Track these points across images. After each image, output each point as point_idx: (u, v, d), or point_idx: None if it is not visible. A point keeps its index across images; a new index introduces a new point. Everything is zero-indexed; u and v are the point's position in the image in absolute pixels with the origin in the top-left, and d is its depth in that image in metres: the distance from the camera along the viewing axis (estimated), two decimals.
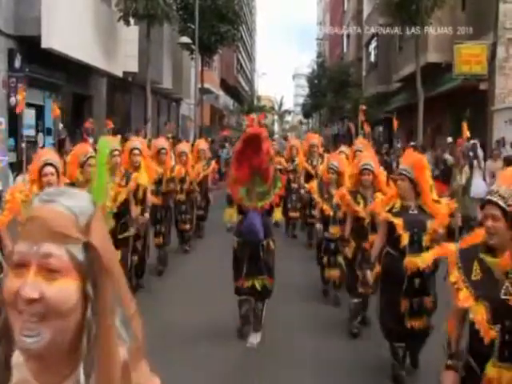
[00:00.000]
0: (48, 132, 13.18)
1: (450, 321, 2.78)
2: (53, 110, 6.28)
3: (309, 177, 8.87)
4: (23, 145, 8.62)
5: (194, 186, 8.87)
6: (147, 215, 6.47)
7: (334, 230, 6.08)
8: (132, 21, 15.88)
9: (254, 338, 5.13)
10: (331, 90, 34.57)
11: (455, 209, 4.95)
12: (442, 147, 13.98)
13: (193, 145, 10.80)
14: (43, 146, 11.74)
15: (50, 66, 12.22)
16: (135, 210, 5.98)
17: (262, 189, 4.97)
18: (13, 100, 10.73)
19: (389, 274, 4.32)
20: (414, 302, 4.25)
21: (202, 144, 10.17)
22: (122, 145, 6.81)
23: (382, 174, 5.59)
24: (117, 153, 5.70)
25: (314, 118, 63.35)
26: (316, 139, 9.88)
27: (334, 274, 6.17)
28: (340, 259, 5.90)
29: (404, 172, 4.30)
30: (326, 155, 9.06)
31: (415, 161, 4.38)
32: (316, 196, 6.45)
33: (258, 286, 5.05)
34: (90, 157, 5.04)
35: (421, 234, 4.18)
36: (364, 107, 7.57)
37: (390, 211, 4.35)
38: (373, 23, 25.15)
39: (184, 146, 8.99)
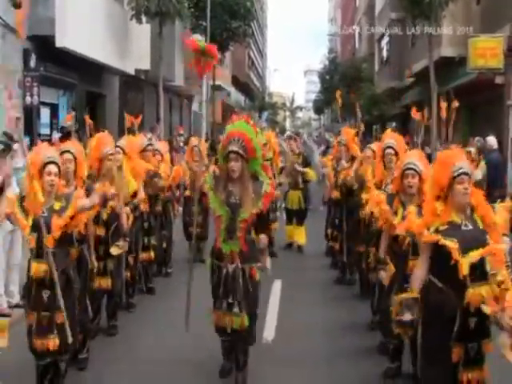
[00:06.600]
0: (62, 130, 13.28)
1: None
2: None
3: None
4: (39, 143, 8.66)
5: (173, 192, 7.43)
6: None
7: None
8: (144, 19, 15.91)
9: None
10: (343, 86, 34.37)
11: None
12: (457, 143, 13.82)
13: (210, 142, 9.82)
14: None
15: (63, 65, 12.32)
16: (125, 218, 5.31)
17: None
18: (28, 99, 10.84)
19: (435, 314, 3.32)
20: (470, 348, 3.32)
21: (196, 140, 8.39)
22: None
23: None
24: (119, 150, 5.25)
25: (326, 114, 63.08)
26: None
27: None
28: None
29: (470, 173, 3.32)
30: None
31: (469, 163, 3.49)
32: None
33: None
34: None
35: (483, 257, 3.22)
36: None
37: (437, 230, 3.30)
38: (385, 18, 24.96)
39: (196, 141, 8.31)
